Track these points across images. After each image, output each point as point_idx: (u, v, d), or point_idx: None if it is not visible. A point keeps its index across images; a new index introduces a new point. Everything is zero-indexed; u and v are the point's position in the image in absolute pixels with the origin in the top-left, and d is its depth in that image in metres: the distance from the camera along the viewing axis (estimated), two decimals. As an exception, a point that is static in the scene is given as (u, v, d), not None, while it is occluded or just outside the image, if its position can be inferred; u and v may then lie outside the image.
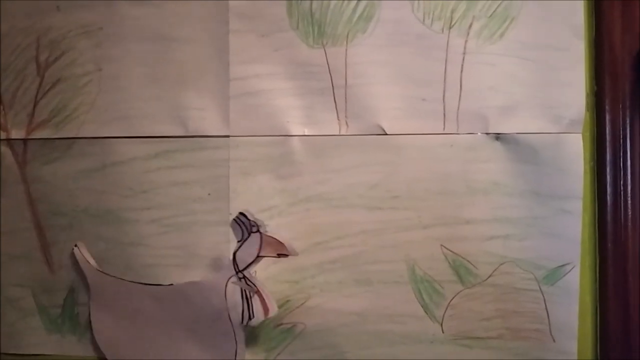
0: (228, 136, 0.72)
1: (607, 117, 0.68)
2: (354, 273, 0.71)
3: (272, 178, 0.72)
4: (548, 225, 0.68)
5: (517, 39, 0.68)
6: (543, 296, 0.68)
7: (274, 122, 0.71)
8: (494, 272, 0.69)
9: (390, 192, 0.70)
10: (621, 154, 0.68)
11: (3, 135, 0.78)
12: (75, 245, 0.75)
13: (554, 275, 0.68)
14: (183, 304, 0.72)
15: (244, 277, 0.69)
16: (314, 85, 0.71)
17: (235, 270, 0.69)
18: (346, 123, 0.70)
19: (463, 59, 0.69)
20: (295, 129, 0.71)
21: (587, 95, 0.68)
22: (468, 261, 0.69)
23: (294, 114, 0.71)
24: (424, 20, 0.69)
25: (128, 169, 0.74)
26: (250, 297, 0.69)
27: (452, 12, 0.68)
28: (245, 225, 0.68)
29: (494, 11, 0.68)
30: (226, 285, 0.69)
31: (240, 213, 0.67)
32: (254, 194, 0.72)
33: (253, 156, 0.72)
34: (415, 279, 0.70)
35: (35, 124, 0.77)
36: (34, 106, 0.77)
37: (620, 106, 0.67)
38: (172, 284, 0.72)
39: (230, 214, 0.72)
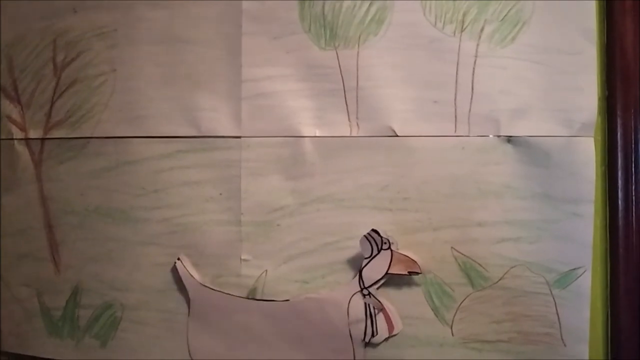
0: (240, 137, 0.73)
1: (619, 122, 0.68)
2: (364, 274, 0.71)
3: (283, 178, 0.72)
4: (559, 229, 0.68)
5: (528, 42, 0.68)
6: (554, 300, 0.68)
7: (286, 123, 0.72)
8: (504, 275, 0.69)
9: (401, 193, 0.70)
10: (633, 158, 0.67)
11: (21, 135, 0.79)
12: (178, 259, 0.74)
13: (565, 279, 0.68)
14: (298, 319, 0.71)
15: (369, 293, 0.69)
16: (326, 87, 0.71)
17: (360, 286, 0.69)
18: (357, 124, 0.71)
19: (475, 62, 0.69)
20: (307, 130, 0.72)
21: (599, 99, 0.68)
22: (479, 264, 0.69)
23: (306, 115, 0.72)
24: (435, 23, 0.69)
25: (140, 168, 0.75)
26: (375, 314, 0.69)
27: (464, 15, 0.69)
28: (376, 242, 0.68)
29: (506, 15, 0.68)
30: (349, 302, 0.69)
31: (373, 230, 0.68)
32: (265, 194, 0.73)
33: (264, 157, 0.72)
34: (426, 281, 0.70)
35: (52, 124, 0.78)
36: (51, 106, 0.78)
37: (632, 110, 0.67)
38: (287, 300, 0.72)
39: (242, 213, 0.73)
